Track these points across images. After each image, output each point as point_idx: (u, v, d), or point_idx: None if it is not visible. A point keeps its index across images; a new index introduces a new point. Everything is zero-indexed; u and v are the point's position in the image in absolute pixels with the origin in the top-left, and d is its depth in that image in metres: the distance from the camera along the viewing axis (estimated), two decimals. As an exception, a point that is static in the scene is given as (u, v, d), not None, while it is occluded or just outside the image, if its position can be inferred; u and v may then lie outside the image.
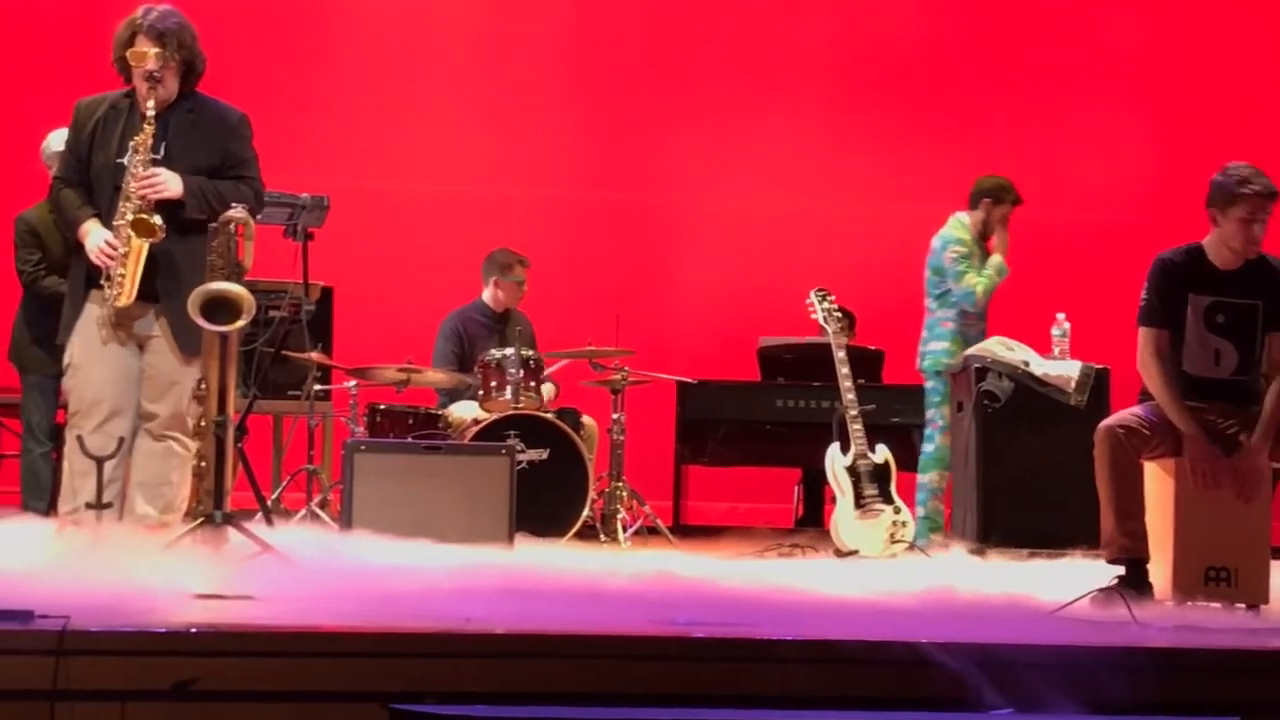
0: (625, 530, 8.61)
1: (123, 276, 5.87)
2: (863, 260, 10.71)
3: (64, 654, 3.88)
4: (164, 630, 4.05)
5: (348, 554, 6.43)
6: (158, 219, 5.83)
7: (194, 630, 4.07)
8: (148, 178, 5.88)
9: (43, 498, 7.73)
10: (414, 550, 6.47)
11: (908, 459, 8.54)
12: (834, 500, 7.92)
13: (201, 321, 5.73)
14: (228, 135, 6.14)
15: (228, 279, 5.81)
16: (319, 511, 8.22)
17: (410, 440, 8.07)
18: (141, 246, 5.85)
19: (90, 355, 6.03)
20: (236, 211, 5.89)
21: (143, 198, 5.86)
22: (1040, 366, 8.09)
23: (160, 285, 5.96)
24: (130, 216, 5.84)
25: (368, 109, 10.67)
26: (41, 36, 10.45)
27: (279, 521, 7.45)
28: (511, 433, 8.21)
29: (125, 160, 5.94)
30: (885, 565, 7.43)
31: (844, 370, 7.83)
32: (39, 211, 7.67)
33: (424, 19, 10.88)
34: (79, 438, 5.91)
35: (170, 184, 5.91)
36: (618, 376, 8.90)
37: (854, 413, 7.76)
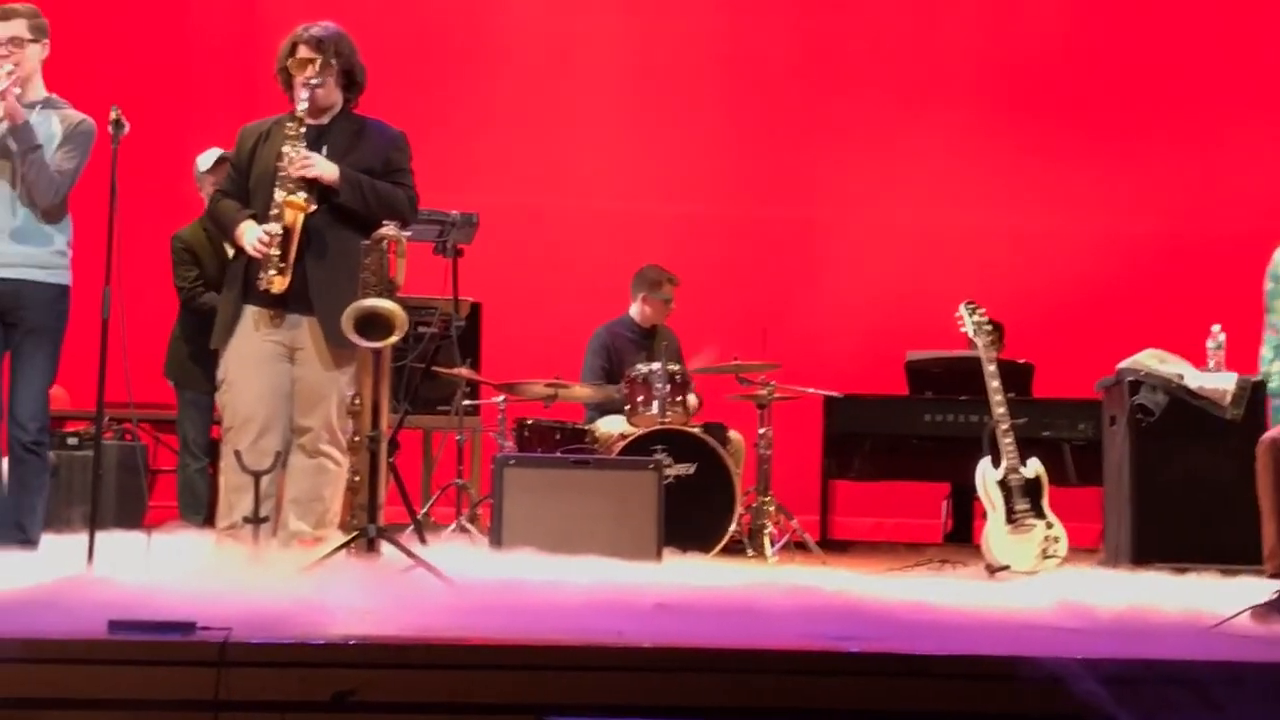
0: (772, 545, 8.59)
1: (278, 257, 5.99)
2: (1011, 272, 10.62)
3: (226, 665, 3.95)
4: (323, 642, 4.10)
5: (498, 568, 6.48)
6: (304, 194, 5.96)
7: (352, 642, 4.13)
8: (300, 158, 6.01)
9: (199, 511, 7.86)
10: (563, 564, 6.50)
11: (1059, 473, 8.43)
12: (984, 515, 7.84)
13: (355, 338, 5.81)
14: (388, 145, 6.28)
15: (380, 295, 5.88)
16: (468, 526, 8.30)
17: (559, 455, 8.12)
18: (295, 222, 5.99)
19: (244, 371, 6.14)
20: (389, 229, 5.97)
21: (295, 177, 6.00)
22: (1195, 379, 7.95)
23: (313, 290, 6.07)
24: (281, 196, 5.97)
25: (516, 126, 10.76)
26: (195, 63, 10.66)
27: (429, 536, 7.54)
28: (658, 447, 8.24)
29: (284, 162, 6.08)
30: (1038, 581, 7.34)
31: (994, 384, 7.75)
32: (193, 229, 7.83)
33: (571, 35, 10.96)
34: (236, 453, 6.02)
35: (321, 165, 6.05)
36: (764, 391, 8.89)
37: (1005, 426, 7.68)
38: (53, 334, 6.30)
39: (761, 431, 8.85)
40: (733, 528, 8.36)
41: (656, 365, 8.61)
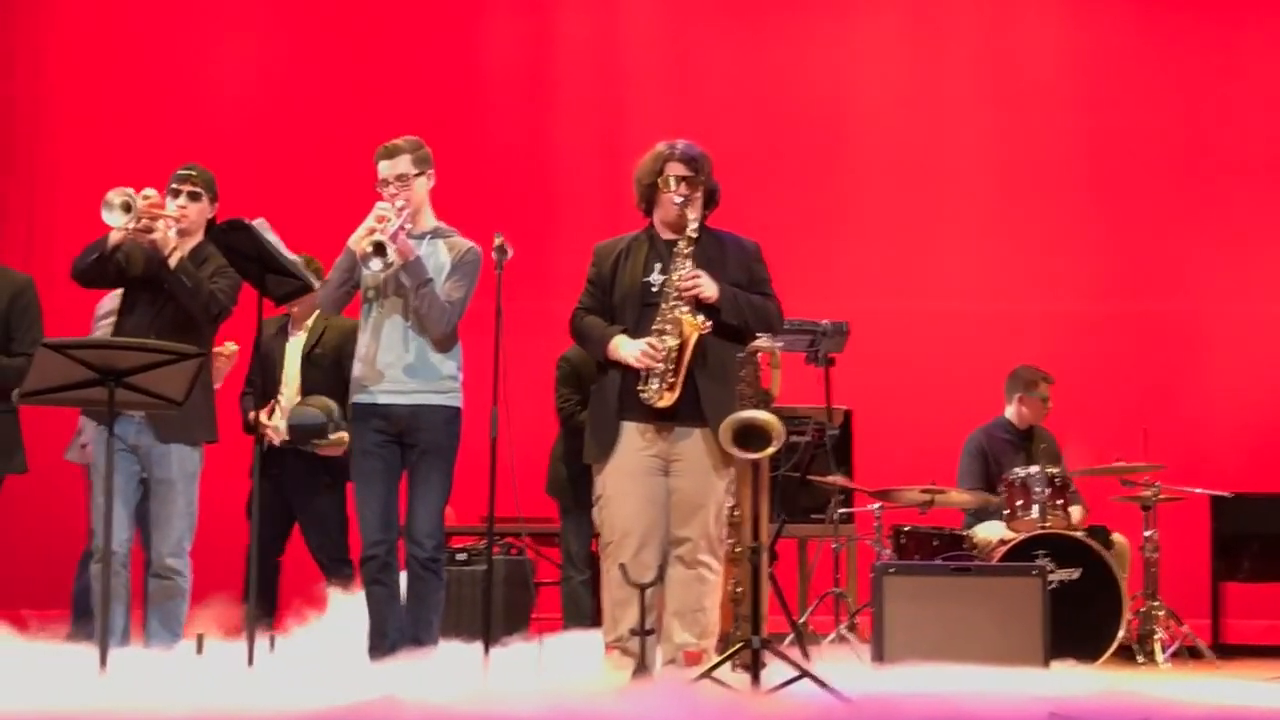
0: (1163, 651, 8.31)
1: (669, 373, 6.08)
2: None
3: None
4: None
5: (884, 679, 6.42)
6: (701, 316, 6.05)
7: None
8: (691, 277, 6.11)
9: (583, 623, 7.98)
10: (948, 674, 6.40)
11: None
12: (1392, 616, 7.46)
13: (733, 449, 5.87)
14: (748, 259, 6.38)
15: (756, 407, 5.94)
16: (848, 635, 8.25)
17: (938, 562, 8.02)
18: (689, 340, 6.06)
19: (620, 486, 6.23)
20: (763, 341, 6.03)
21: (687, 297, 6.09)
22: None
23: (705, 403, 6.14)
24: (676, 313, 6.07)
25: (882, 231, 10.74)
26: (562, 182, 10.95)
27: (809, 645, 7.52)
28: (1040, 552, 8.07)
29: (651, 279, 6.21)
30: None
31: (1395, 479, 7.39)
32: (578, 349, 8.01)
33: (933, 136, 10.91)
34: (621, 566, 6.10)
35: (707, 286, 6.12)
36: (1148, 492, 8.63)
37: None
38: (446, 454, 6.50)
39: (1147, 534, 8.59)
40: (1121, 634, 8.12)
41: (1035, 468, 8.46)
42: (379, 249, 6.26)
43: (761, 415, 5.87)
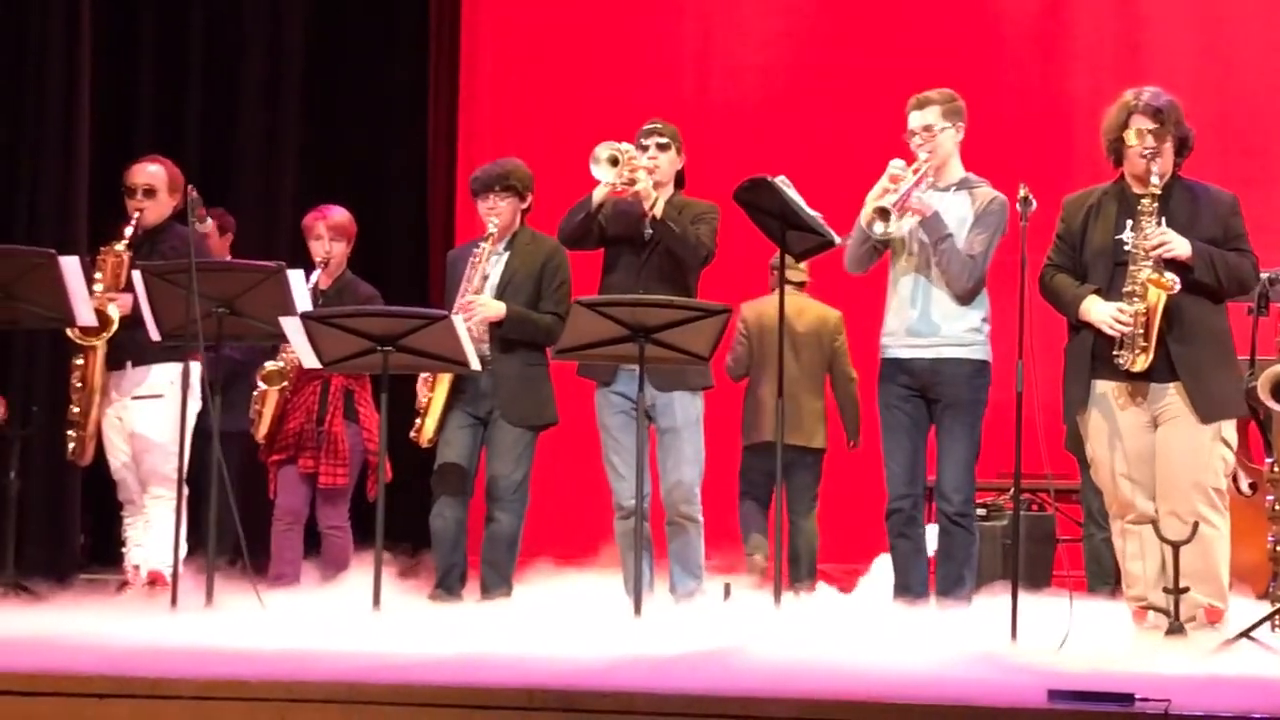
0: None
1: (1139, 337, 5.90)
2: None
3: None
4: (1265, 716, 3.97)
5: None
6: (1169, 275, 5.83)
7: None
8: (1158, 237, 5.91)
9: (1107, 581, 7.82)
10: None
11: None
12: None
13: (1272, 404, 5.66)
14: (1226, 212, 6.10)
15: (1293, 361, 5.72)
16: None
17: None
18: (1157, 303, 5.86)
19: (1105, 445, 6.05)
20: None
21: (1154, 258, 5.89)
22: None
23: (1179, 365, 5.92)
24: (1144, 275, 5.88)
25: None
26: (1080, 130, 10.69)
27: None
28: None
29: (1123, 236, 6.00)
30: None
31: None
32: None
33: None
34: (1153, 524, 5.94)
35: (1177, 245, 5.90)
36: None
37: None
38: (971, 408, 6.49)
39: None
40: None
41: None
42: (882, 214, 6.29)
43: (1301, 368, 5.65)
